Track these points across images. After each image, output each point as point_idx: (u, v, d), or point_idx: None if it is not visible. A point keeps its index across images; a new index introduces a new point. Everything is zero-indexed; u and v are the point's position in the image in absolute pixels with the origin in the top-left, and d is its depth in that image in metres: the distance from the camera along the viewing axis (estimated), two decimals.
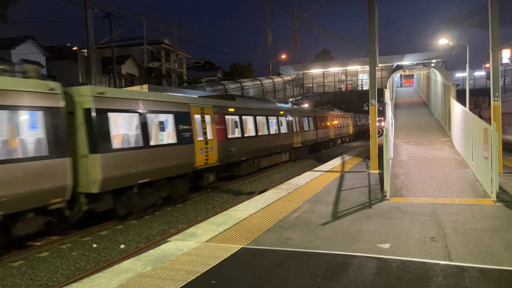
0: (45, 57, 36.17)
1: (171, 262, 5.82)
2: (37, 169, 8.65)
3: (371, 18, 14.33)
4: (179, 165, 13.02)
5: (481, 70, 47.37)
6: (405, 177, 12.06)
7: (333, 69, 51.77)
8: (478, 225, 7.16)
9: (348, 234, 6.93)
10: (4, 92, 8.24)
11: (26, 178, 8.42)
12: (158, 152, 12.04)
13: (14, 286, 7.36)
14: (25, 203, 8.51)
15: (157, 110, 12.32)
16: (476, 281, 4.82)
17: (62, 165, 9.22)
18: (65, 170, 9.27)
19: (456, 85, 19.85)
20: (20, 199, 8.32)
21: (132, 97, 11.56)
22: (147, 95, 12.40)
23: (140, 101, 11.75)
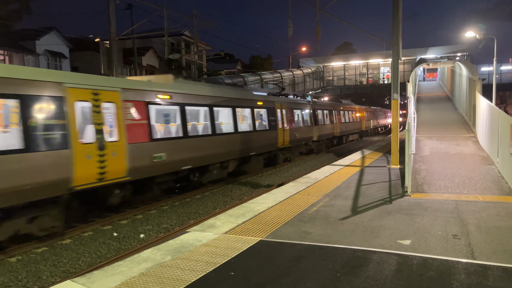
0: (68, 48, 36.81)
1: (190, 253, 5.87)
2: None
3: (395, 10, 14.02)
4: (272, 144, 18.75)
5: (508, 64, 46.03)
6: (427, 172, 11.84)
7: (354, 62, 51.06)
8: (503, 223, 6.98)
9: (368, 229, 6.86)
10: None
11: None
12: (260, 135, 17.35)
13: (38, 271, 7.56)
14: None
15: (262, 107, 18.10)
16: (499, 280, 4.70)
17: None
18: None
19: (482, 79, 19.31)
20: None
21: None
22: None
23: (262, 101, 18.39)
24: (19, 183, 7.71)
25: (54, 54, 34.69)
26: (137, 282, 4.88)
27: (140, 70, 40.15)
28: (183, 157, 12.39)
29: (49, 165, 8.28)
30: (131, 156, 10.36)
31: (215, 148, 14.09)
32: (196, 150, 13.04)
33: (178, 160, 12.18)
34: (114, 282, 4.89)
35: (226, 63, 64.63)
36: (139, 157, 10.66)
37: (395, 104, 14.38)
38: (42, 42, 33.71)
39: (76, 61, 38.34)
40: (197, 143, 13.15)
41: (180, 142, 12.34)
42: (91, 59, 37.27)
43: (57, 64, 35.25)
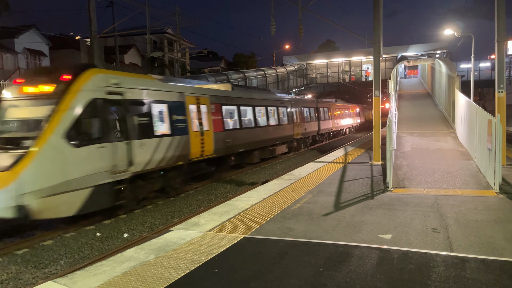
0: (48, 46, 36.13)
1: (174, 251, 5.86)
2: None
3: (376, 8, 14.20)
4: (290, 135, 23.33)
5: (486, 61, 46.98)
6: (408, 168, 12.05)
7: (337, 59, 51.46)
8: (481, 217, 7.16)
9: (350, 224, 6.95)
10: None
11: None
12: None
13: (19, 273, 7.44)
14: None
15: (283, 106, 22.79)
16: (477, 272, 4.83)
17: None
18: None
19: (461, 76, 19.71)
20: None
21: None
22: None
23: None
24: (173, 154, 12.41)
25: (33, 52, 34.02)
26: (120, 281, 4.86)
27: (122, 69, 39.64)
28: (240, 143, 17.08)
29: (181, 144, 12.83)
30: (215, 141, 14.95)
31: (257, 136, 18.91)
32: (246, 138, 17.70)
33: (237, 145, 16.88)
34: (97, 282, 4.85)
35: (210, 61, 64.34)
36: (218, 141, 15.22)
37: (377, 101, 14.57)
38: (21, 40, 33.01)
39: (56, 60, 37.67)
40: (247, 133, 17.88)
41: (238, 132, 17.07)
42: (71, 57, 36.67)
43: (36, 63, 34.55)
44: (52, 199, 8.55)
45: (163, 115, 12.31)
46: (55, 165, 8.67)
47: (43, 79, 9.51)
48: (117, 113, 10.38)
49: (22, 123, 9.21)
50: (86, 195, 9.28)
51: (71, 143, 8.91)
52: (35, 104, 9.26)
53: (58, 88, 9.18)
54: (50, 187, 8.46)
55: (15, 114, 9.42)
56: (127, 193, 10.64)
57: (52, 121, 8.68)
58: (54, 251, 8.55)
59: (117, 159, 10.02)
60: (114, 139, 10.05)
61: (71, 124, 8.95)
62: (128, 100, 10.75)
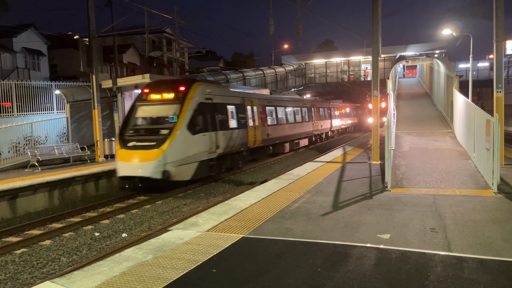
0: (47, 46, 36.06)
1: (172, 251, 5.85)
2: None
3: (375, 8, 14.20)
4: (310, 131, 28.02)
5: (484, 61, 47.01)
6: (406, 168, 12.05)
7: (336, 59, 51.48)
8: (479, 217, 7.17)
9: (348, 224, 6.95)
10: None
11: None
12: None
13: (17, 273, 7.43)
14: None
15: (305, 106, 27.29)
16: (475, 272, 4.83)
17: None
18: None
19: (459, 76, 19.72)
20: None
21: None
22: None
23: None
24: (238, 142, 16.75)
25: (32, 52, 33.94)
26: (118, 281, 4.85)
27: (121, 68, 39.61)
28: (276, 136, 21.48)
29: (243, 135, 17.18)
30: (262, 134, 19.45)
31: (288, 131, 23.32)
32: (280, 132, 22.09)
33: (275, 137, 21.35)
34: (94, 282, 4.84)
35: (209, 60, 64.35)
36: (264, 134, 19.76)
37: (375, 101, 14.58)
38: (20, 39, 32.94)
39: (55, 59, 37.61)
40: (281, 128, 22.25)
41: (275, 127, 21.49)
42: (70, 56, 36.60)
43: (35, 62, 34.48)
44: (180, 168, 12.99)
45: (233, 113, 16.69)
46: (182, 146, 13.02)
47: (165, 89, 14.07)
48: (210, 112, 14.63)
49: (158, 119, 13.95)
50: (196, 167, 13.68)
51: (190, 132, 13.29)
52: (163, 106, 13.83)
53: (177, 96, 13.67)
54: (180, 159, 12.91)
55: (149, 113, 14.08)
56: (215, 167, 14.96)
57: (180, 117, 13.13)
58: (52, 251, 8.54)
59: (211, 144, 14.47)
60: (210, 130, 14.42)
61: (189, 120, 13.31)
62: (215, 103, 15.19)
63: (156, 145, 12.52)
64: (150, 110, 14.02)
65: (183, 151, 12.99)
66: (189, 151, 13.22)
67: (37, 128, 18.51)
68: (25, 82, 19.37)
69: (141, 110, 14.07)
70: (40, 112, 19.63)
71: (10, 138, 17.11)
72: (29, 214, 11.70)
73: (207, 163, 14.29)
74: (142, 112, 14.06)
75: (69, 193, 13.31)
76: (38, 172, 14.49)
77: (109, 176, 14.79)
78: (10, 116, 18.26)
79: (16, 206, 11.64)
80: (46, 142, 18.74)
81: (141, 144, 12.84)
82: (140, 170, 12.45)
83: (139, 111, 14.08)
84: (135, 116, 14.05)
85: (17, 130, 17.46)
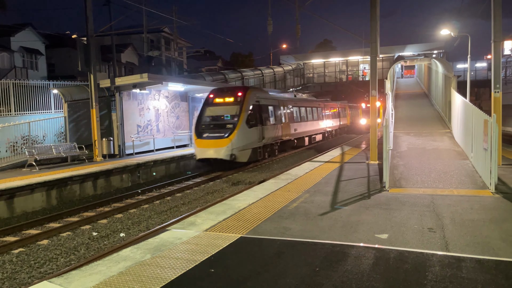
0: (44, 45, 35.95)
1: (170, 251, 5.85)
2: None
3: (373, 8, 14.21)
4: (322, 128, 32.25)
5: (482, 62, 47.07)
6: (404, 168, 12.07)
7: (334, 59, 51.45)
8: (476, 216, 7.18)
9: (346, 224, 6.96)
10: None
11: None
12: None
13: (14, 273, 7.41)
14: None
15: (319, 107, 31.77)
16: (473, 272, 4.84)
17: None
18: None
19: (457, 76, 19.75)
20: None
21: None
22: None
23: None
24: (275, 135, 20.93)
25: (29, 51, 33.84)
26: (116, 281, 4.84)
27: (119, 68, 39.53)
28: (299, 131, 25.62)
29: (278, 130, 21.29)
30: (290, 129, 23.60)
31: (307, 127, 27.51)
32: (302, 128, 26.35)
33: (298, 132, 25.32)
34: (92, 282, 4.83)
35: (207, 60, 64.24)
36: (292, 129, 23.95)
37: (374, 101, 14.59)
38: (17, 38, 32.84)
39: (53, 58, 37.49)
40: (303, 125, 26.64)
41: (299, 124, 25.62)
42: (68, 56, 36.52)
43: (32, 61, 34.38)
44: (241, 152, 17.41)
45: (272, 112, 21.06)
46: (243, 137, 17.39)
47: (227, 95, 18.65)
48: (258, 112, 19.11)
49: (224, 116, 18.06)
50: (250, 152, 18.15)
51: (247, 126, 17.75)
52: (226, 107, 18.23)
53: (236, 100, 18.21)
54: (241, 146, 17.32)
55: (216, 112, 18.41)
56: (261, 154, 19.54)
57: (240, 116, 17.57)
58: (50, 250, 8.52)
59: (259, 135, 18.95)
60: (258, 125, 18.88)
61: (246, 117, 17.80)
62: (261, 105, 19.66)
63: (225, 136, 17.04)
64: (217, 110, 18.42)
65: (243, 140, 17.46)
66: (246, 140, 17.75)
67: (35, 127, 18.46)
68: (23, 82, 19.30)
69: (209, 110, 18.51)
70: (38, 111, 19.58)
71: (7, 137, 17.06)
72: (27, 214, 11.68)
73: (256, 150, 18.88)
74: (210, 112, 18.46)
75: (67, 192, 13.28)
76: (35, 172, 14.45)
77: (107, 176, 14.77)
78: (7, 115, 18.21)
79: (13, 206, 11.61)
80: (43, 142, 18.69)
81: (214, 135, 17.34)
82: (214, 154, 17.09)
83: (208, 111, 18.54)
84: (205, 115, 18.50)
85: (14, 129, 17.41)
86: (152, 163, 17.20)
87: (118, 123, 19.17)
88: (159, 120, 21.91)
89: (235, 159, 17.03)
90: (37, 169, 15.13)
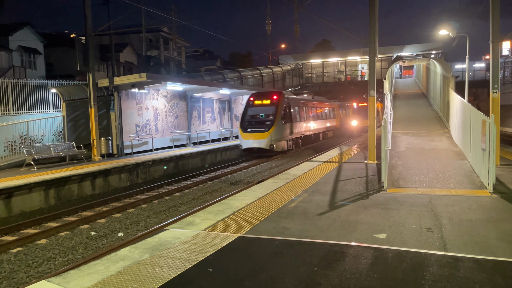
0: (43, 44, 35.89)
1: (168, 250, 5.85)
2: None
3: (372, 8, 14.22)
4: (333, 125, 36.52)
5: (481, 62, 47.18)
6: (402, 168, 12.09)
7: (333, 59, 51.50)
8: (474, 216, 7.20)
9: (345, 224, 6.97)
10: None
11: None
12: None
13: (12, 272, 7.40)
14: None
15: (330, 107, 36.88)
16: (470, 271, 4.86)
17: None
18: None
19: (456, 76, 19.79)
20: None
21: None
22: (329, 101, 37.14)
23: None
24: (300, 131, 26.22)
25: (28, 50, 33.78)
26: (114, 280, 4.84)
27: (118, 67, 39.49)
28: (316, 128, 30.11)
29: (301, 126, 26.63)
30: (310, 126, 28.46)
31: (321, 125, 32.07)
32: (318, 125, 30.92)
33: (315, 129, 29.93)
34: (90, 281, 4.83)
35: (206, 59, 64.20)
36: (311, 126, 28.67)
37: (372, 101, 14.60)
38: (15, 37, 32.77)
39: (51, 57, 37.43)
40: (319, 122, 31.32)
41: (316, 121, 30.27)
42: (66, 55, 36.45)
43: (31, 60, 34.32)
44: (277, 143, 22.03)
45: (298, 112, 25.70)
46: (278, 131, 22.02)
47: (264, 98, 23.42)
48: (288, 111, 23.75)
49: (263, 115, 22.73)
50: (283, 144, 22.89)
51: (282, 122, 22.41)
52: (265, 108, 22.96)
53: (272, 102, 22.98)
54: (277, 138, 21.93)
55: (256, 112, 23.06)
56: (290, 145, 24.19)
57: (276, 115, 22.17)
58: (48, 250, 8.51)
59: (290, 130, 23.67)
60: (289, 122, 23.61)
61: (281, 116, 22.43)
62: (290, 105, 24.27)
63: (266, 130, 21.88)
64: (257, 110, 23.27)
65: (279, 134, 22.30)
66: (281, 134, 22.61)
67: (33, 126, 18.44)
68: (21, 81, 19.27)
69: (251, 110, 23.47)
70: (36, 110, 19.55)
71: (5, 136, 17.03)
72: (25, 213, 11.66)
73: (287, 142, 23.70)
74: (251, 111, 23.41)
75: (65, 192, 13.27)
76: (34, 171, 14.43)
77: (105, 175, 14.76)
78: (6, 114, 18.18)
79: (11, 205, 11.59)
80: (42, 141, 18.67)
81: (256, 129, 22.16)
82: (257, 144, 21.85)
83: (249, 111, 23.53)
84: (248, 114, 23.47)
85: (12, 128, 17.38)
86: (150, 162, 17.20)
87: (116, 122, 19.16)
88: (158, 119, 21.90)
89: (273, 149, 21.94)
90: (35, 168, 15.11)
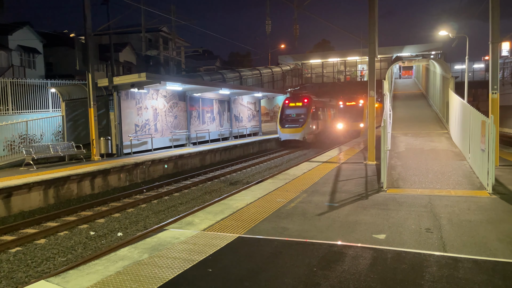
0: (42, 44, 35.86)
1: (168, 250, 5.84)
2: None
3: (371, 8, 14.22)
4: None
5: (480, 63, 47.21)
6: (402, 168, 12.10)
7: (332, 59, 51.49)
8: (473, 217, 7.21)
9: (344, 224, 6.97)
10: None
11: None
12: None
13: (11, 272, 7.40)
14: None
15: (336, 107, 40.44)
16: (470, 272, 4.86)
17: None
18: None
19: (455, 77, 19.80)
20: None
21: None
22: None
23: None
24: (322, 128, 33.08)
25: (27, 50, 33.75)
26: (113, 280, 4.84)
27: (117, 67, 39.46)
28: (328, 126, 33.89)
29: (319, 125, 32.33)
30: (328, 124, 34.74)
31: (332, 123, 34.84)
32: (327, 124, 34.25)
33: (328, 128, 33.89)
34: (90, 281, 4.83)
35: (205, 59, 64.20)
36: (328, 124, 34.42)
37: (372, 102, 14.60)
38: (15, 37, 32.74)
39: (51, 57, 37.40)
40: (331, 122, 34.76)
41: (331, 120, 34.89)
42: (65, 54, 36.42)
43: (30, 60, 34.28)
44: (308, 137, 29.38)
45: (320, 112, 31.36)
46: (309, 126, 29.42)
47: (298, 100, 30.40)
48: (316, 111, 30.63)
49: (297, 115, 29.42)
50: (312, 137, 30.00)
51: (311, 120, 29.53)
52: (298, 108, 29.72)
53: (303, 104, 29.78)
54: (308, 133, 29.29)
55: (291, 111, 29.78)
56: (315, 139, 30.39)
57: (308, 114, 29.23)
58: (47, 249, 8.50)
59: (316, 127, 30.80)
60: (315, 119, 30.46)
61: (311, 115, 29.44)
62: (316, 106, 30.88)
63: (299, 126, 28.37)
64: (292, 110, 29.59)
65: (309, 129, 28.83)
66: (311, 129, 29.10)
67: (32, 126, 18.41)
68: (20, 80, 19.24)
69: (287, 110, 29.63)
70: (35, 110, 19.52)
71: (5, 136, 17.01)
72: (24, 213, 11.65)
73: (313, 137, 29.94)
74: (288, 111, 29.65)
75: (64, 191, 13.26)
76: (33, 171, 14.41)
77: (104, 175, 14.75)
78: (5, 114, 18.15)
79: (10, 205, 11.58)
80: (41, 141, 18.65)
81: (292, 125, 28.65)
82: (293, 137, 28.28)
83: (286, 111, 29.70)
84: (285, 113, 29.62)
85: (12, 128, 17.36)
86: (150, 162, 17.19)
87: (116, 122, 19.14)
88: (157, 119, 21.88)
89: (305, 141, 28.58)
90: (34, 168, 15.10)
